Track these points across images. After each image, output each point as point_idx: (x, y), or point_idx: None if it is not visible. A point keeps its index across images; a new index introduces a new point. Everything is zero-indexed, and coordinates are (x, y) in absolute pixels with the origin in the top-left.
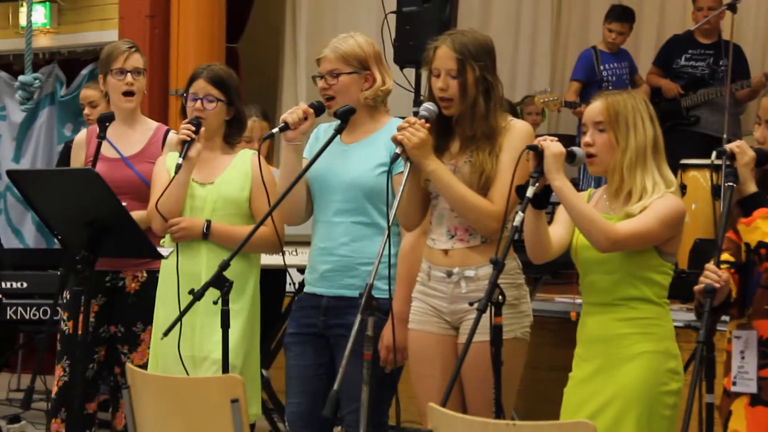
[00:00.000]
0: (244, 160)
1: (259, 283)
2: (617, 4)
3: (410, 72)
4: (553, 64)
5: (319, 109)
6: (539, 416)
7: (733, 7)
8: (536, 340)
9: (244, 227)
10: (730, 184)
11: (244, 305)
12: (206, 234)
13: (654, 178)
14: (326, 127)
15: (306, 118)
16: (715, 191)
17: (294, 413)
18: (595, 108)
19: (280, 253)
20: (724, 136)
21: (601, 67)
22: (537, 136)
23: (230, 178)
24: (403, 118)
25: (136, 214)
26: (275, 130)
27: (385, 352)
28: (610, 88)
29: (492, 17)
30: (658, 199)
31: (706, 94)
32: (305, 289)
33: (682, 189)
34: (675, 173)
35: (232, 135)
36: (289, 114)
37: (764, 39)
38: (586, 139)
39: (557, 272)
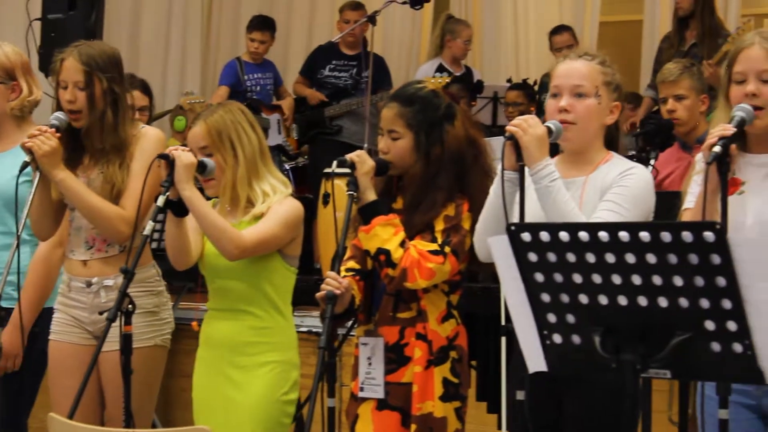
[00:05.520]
0: None
1: None
2: (258, 15)
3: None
4: (204, 69)
5: None
6: (184, 423)
7: (372, 20)
8: (182, 347)
9: None
10: (351, 192)
11: None
12: None
13: (270, 182)
14: None
15: None
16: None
17: None
18: (197, 133)
19: None
20: (365, 145)
21: (246, 77)
22: None
23: None
24: None
25: None
26: None
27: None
28: (255, 97)
29: (142, 21)
30: (277, 203)
31: (348, 104)
32: None
33: (326, 197)
34: (319, 182)
35: None
36: None
37: (408, 51)
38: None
39: (198, 280)
